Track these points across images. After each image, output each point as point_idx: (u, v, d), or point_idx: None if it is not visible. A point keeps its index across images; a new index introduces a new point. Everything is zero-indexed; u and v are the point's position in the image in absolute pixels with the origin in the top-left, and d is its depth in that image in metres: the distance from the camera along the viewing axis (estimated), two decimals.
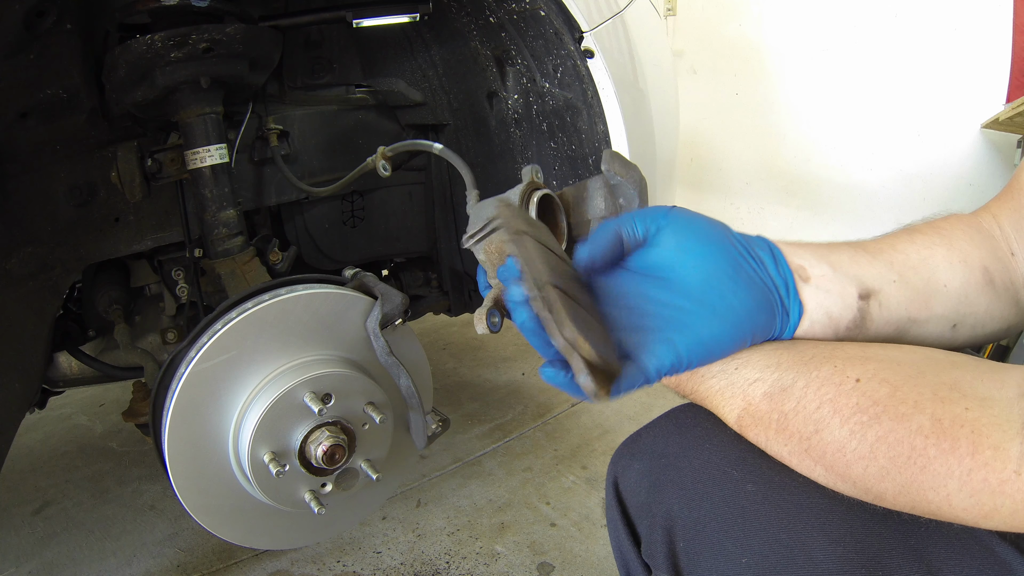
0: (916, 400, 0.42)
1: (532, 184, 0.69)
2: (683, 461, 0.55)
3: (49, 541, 1.45)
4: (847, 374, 0.45)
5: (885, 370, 0.45)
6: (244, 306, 0.84)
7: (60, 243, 1.04)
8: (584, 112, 1.13)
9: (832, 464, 0.45)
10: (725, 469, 0.52)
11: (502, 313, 0.64)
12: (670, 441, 0.58)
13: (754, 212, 3.01)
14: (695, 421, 0.57)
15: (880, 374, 0.44)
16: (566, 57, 1.11)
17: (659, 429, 0.60)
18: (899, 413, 0.42)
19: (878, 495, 0.43)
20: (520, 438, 1.83)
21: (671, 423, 0.59)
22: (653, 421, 0.61)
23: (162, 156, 1.10)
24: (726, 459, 0.53)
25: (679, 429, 0.58)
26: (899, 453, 0.41)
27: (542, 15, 1.07)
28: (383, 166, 1.00)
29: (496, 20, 1.15)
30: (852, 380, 0.45)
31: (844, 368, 0.46)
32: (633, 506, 0.59)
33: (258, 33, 1.02)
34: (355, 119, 1.35)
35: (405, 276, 1.58)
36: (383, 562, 1.37)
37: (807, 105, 2.70)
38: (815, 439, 0.45)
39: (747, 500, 0.50)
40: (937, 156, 2.35)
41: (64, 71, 0.91)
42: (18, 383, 0.99)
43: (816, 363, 0.48)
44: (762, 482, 0.50)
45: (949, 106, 2.28)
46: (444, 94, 1.37)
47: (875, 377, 0.44)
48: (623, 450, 0.62)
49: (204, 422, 0.83)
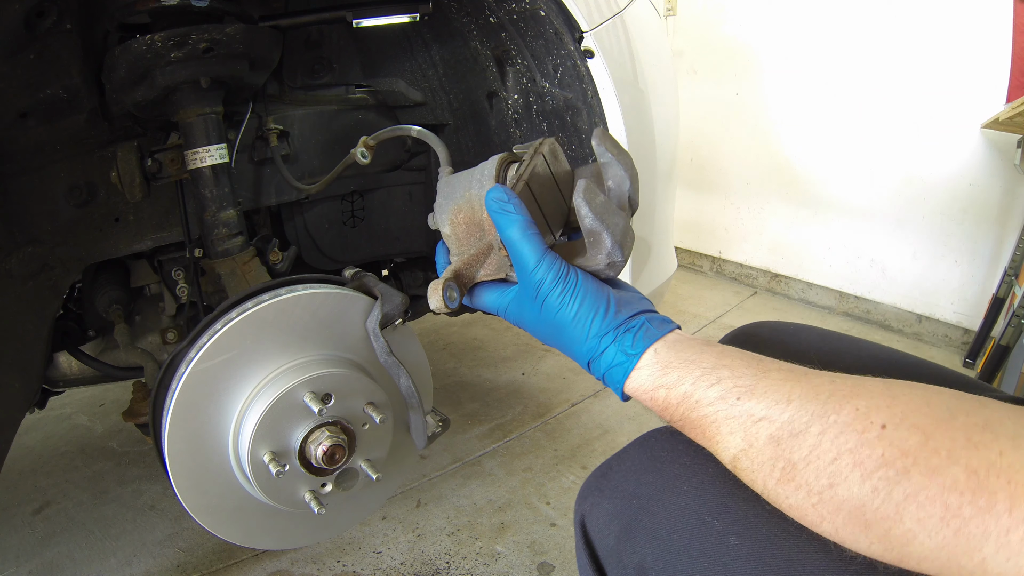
0: (949, 449, 0.37)
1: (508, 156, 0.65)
2: (657, 505, 0.50)
3: (49, 541, 1.45)
4: (871, 419, 0.39)
5: (915, 413, 0.39)
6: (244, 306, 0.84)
7: (60, 243, 1.04)
8: (584, 112, 1.13)
9: (846, 522, 0.39)
10: (705, 518, 0.47)
11: (461, 290, 0.61)
12: (643, 479, 0.52)
13: (754, 212, 3.01)
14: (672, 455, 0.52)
15: (910, 418, 0.39)
16: (566, 57, 1.11)
17: (631, 462, 0.54)
18: (931, 466, 0.36)
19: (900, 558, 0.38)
20: (520, 438, 1.83)
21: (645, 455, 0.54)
22: (625, 449, 0.56)
23: (162, 156, 1.10)
24: (706, 506, 0.47)
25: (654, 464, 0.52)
26: (930, 514, 0.36)
27: (542, 15, 1.07)
28: (362, 153, 0.97)
29: (496, 20, 1.15)
30: (877, 427, 0.39)
31: (868, 413, 0.40)
32: (603, 549, 0.53)
33: (258, 33, 1.02)
34: (355, 119, 1.35)
35: (405, 276, 1.58)
36: (383, 562, 1.37)
37: (807, 105, 2.70)
38: (828, 494, 0.40)
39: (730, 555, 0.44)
40: (937, 156, 2.35)
41: (64, 71, 0.91)
42: (18, 383, 0.99)
43: (835, 403, 0.41)
44: (747, 535, 0.45)
45: (949, 106, 2.28)
46: (444, 94, 1.37)
47: (904, 422, 0.39)
48: (591, 485, 0.56)
49: (204, 422, 0.83)
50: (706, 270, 3.35)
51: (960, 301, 2.40)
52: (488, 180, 0.62)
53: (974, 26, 2.18)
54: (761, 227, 2.99)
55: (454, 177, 0.68)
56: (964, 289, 2.38)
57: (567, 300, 0.53)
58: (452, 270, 0.61)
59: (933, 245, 2.43)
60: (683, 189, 3.20)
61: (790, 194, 2.83)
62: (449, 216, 0.64)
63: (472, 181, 0.64)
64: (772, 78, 2.80)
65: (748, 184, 3.01)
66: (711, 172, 3.16)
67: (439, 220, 0.66)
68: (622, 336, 0.52)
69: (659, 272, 1.40)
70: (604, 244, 0.53)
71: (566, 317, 0.53)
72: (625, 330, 0.52)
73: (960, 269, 2.38)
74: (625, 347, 0.52)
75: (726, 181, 3.11)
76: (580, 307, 0.53)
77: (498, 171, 0.62)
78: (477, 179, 0.64)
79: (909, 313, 2.55)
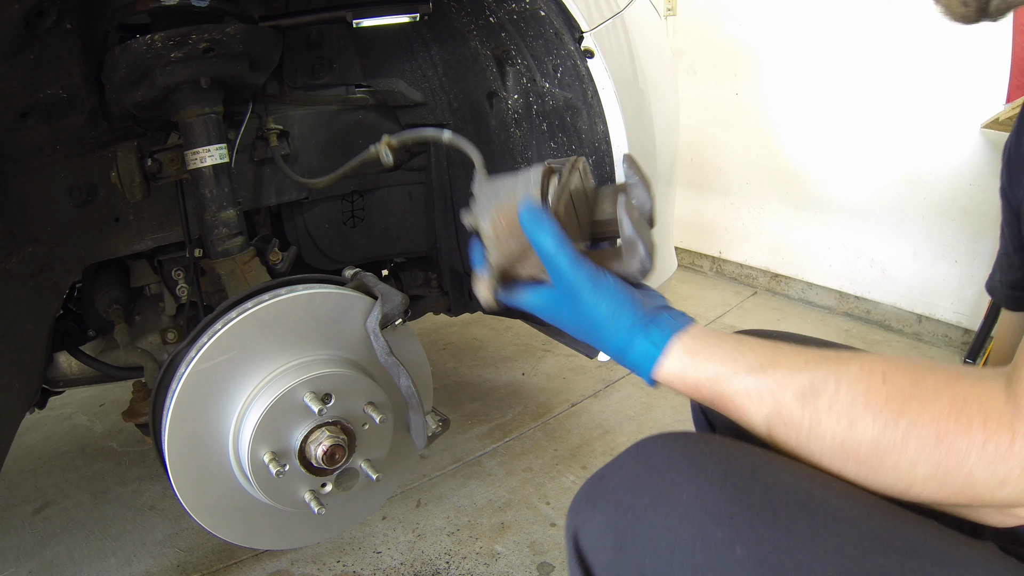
0: (935, 386, 0.46)
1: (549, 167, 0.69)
2: (655, 515, 0.48)
3: (49, 541, 1.45)
4: (874, 371, 0.49)
5: (906, 364, 0.49)
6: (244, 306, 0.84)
7: (60, 243, 1.04)
8: (584, 112, 1.13)
9: (867, 458, 0.48)
10: (707, 527, 0.45)
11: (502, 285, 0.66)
12: (638, 488, 0.50)
13: (754, 212, 3.01)
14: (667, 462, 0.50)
15: (903, 368, 0.48)
16: (566, 57, 1.11)
17: (624, 471, 0.52)
18: (924, 400, 0.46)
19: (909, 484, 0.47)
20: (520, 438, 1.83)
21: (639, 464, 0.52)
22: (618, 458, 0.54)
23: (162, 156, 1.10)
24: (708, 514, 0.45)
25: (649, 472, 0.50)
26: (927, 437, 0.45)
27: (542, 15, 1.07)
28: (386, 153, 0.98)
29: (496, 20, 1.15)
30: (880, 375, 0.48)
31: (871, 367, 0.49)
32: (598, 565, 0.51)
33: (258, 33, 1.02)
34: (355, 119, 1.35)
35: (405, 276, 1.58)
36: (383, 562, 1.37)
37: (807, 105, 2.70)
38: (849, 434, 0.48)
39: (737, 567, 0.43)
40: (937, 156, 2.35)
41: (64, 71, 0.91)
42: (18, 383, 0.99)
43: (844, 363, 0.50)
44: (754, 542, 0.43)
45: (949, 106, 2.28)
46: (444, 94, 1.37)
47: (899, 371, 0.48)
48: (583, 496, 0.54)
49: (204, 422, 0.83)
50: (706, 270, 3.35)
51: (960, 301, 2.40)
52: (534, 187, 0.66)
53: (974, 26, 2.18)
54: (761, 227, 2.99)
55: (496, 181, 0.71)
56: (964, 289, 2.38)
57: (600, 298, 0.59)
58: (496, 266, 0.66)
59: (933, 245, 2.43)
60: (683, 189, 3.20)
61: (790, 194, 2.83)
62: (492, 215, 0.68)
63: (517, 186, 0.68)
64: (772, 78, 2.80)
65: (748, 184, 3.01)
66: (711, 172, 3.16)
67: (479, 219, 0.69)
68: (649, 328, 0.58)
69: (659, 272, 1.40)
70: (639, 252, 0.60)
71: (599, 314, 0.59)
72: (651, 322, 0.59)
73: (960, 269, 2.38)
74: (653, 338, 0.58)
75: (726, 181, 3.11)
76: (611, 304, 0.59)
77: (543, 180, 0.66)
78: (523, 184, 0.67)
79: (909, 313, 2.55)
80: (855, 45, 2.49)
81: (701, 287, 3.13)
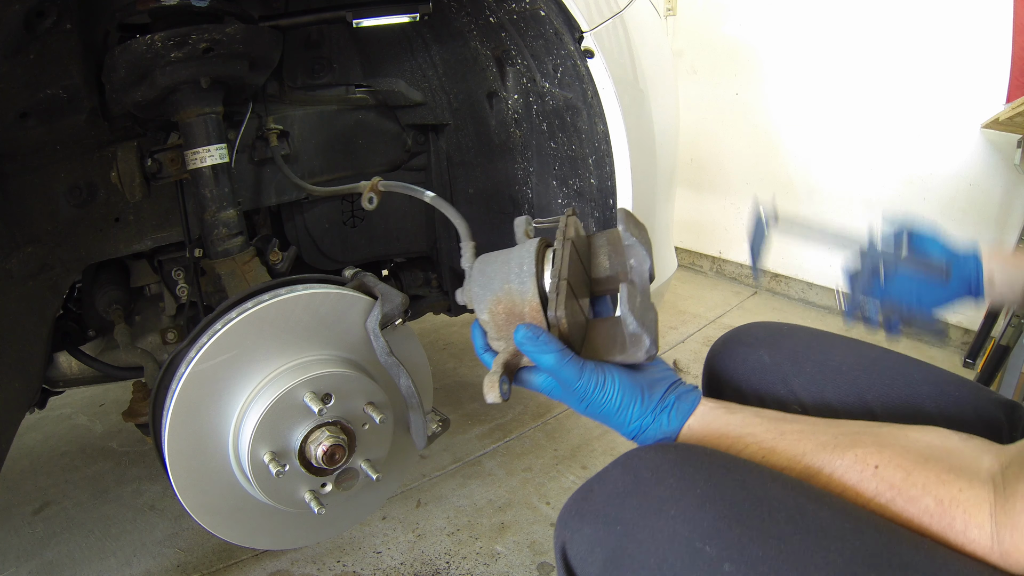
0: (924, 484, 0.48)
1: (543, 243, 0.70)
2: (643, 532, 0.48)
3: (49, 541, 1.45)
4: (867, 463, 0.51)
5: (899, 457, 0.51)
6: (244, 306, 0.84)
7: (60, 243, 1.04)
8: (584, 112, 1.13)
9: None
10: (695, 544, 0.45)
11: (510, 378, 0.66)
12: (627, 502, 0.51)
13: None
14: (656, 476, 0.51)
15: (895, 460, 0.51)
16: (566, 57, 1.11)
17: (613, 484, 0.53)
18: (911, 496, 0.48)
19: None
20: (520, 438, 1.83)
21: (627, 477, 0.53)
22: (606, 470, 0.55)
23: (162, 156, 1.10)
24: (696, 531, 0.46)
25: (637, 485, 0.51)
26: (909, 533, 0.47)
27: (542, 15, 1.07)
28: (369, 198, 1.00)
29: (496, 20, 1.14)
30: (872, 467, 0.51)
31: (865, 458, 0.52)
32: None
33: (258, 33, 1.02)
34: (355, 119, 1.35)
35: (405, 276, 1.58)
36: (383, 562, 1.37)
37: (807, 105, 2.70)
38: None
39: None
40: (937, 156, 2.35)
41: (64, 71, 0.91)
42: (18, 383, 0.99)
43: (839, 453, 0.53)
44: (742, 560, 0.44)
45: (949, 106, 2.28)
46: (444, 94, 1.37)
47: (891, 463, 0.51)
48: (571, 509, 0.55)
49: (204, 422, 0.83)
50: (706, 270, 3.34)
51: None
52: (528, 276, 0.65)
53: (974, 26, 2.18)
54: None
55: (488, 263, 0.70)
56: None
57: (606, 399, 0.61)
58: (501, 363, 0.66)
59: None
60: (683, 189, 3.19)
61: (790, 194, 2.83)
62: (488, 306, 0.67)
63: (510, 273, 0.67)
64: (772, 78, 2.80)
65: (748, 184, 3.01)
66: (711, 172, 3.16)
67: (477, 308, 0.68)
68: (660, 415, 0.61)
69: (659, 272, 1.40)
70: (644, 343, 0.62)
71: (609, 410, 0.62)
72: (661, 409, 0.61)
73: None
74: (663, 426, 0.61)
75: (726, 181, 3.11)
76: (621, 401, 0.61)
77: (537, 266, 0.66)
78: (516, 272, 0.67)
79: None
80: (855, 45, 2.49)
81: (701, 287, 3.13)
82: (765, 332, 0.81)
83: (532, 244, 0.68)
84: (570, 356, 0.61)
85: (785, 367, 0.75)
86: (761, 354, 0.77)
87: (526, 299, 0.65)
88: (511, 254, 0.69)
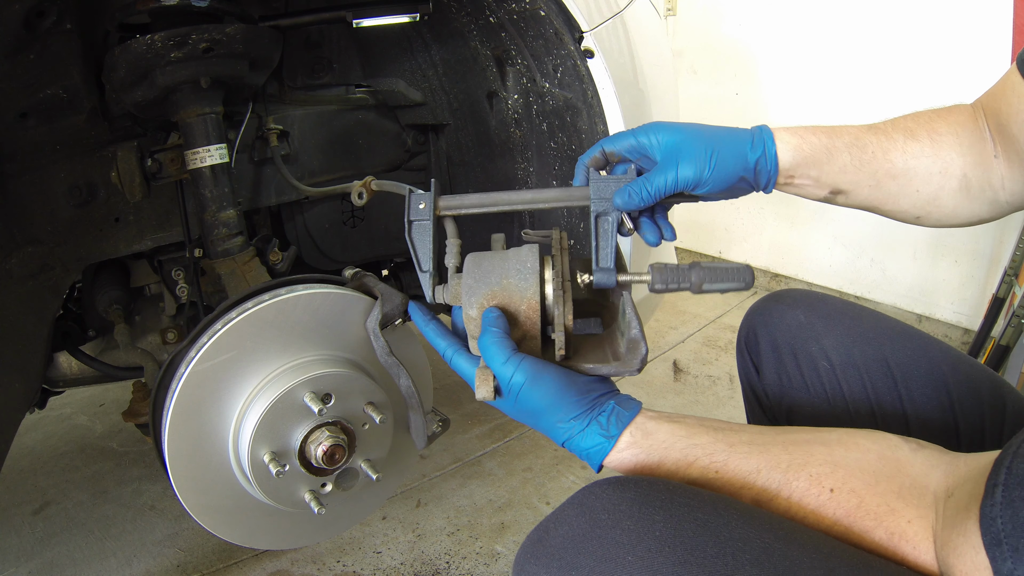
0: (876, 514, 0.49)
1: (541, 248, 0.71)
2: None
3: (49, 541, 1.45)
4: (823, 485, 0.51)
5: (852, 479, 0.51)
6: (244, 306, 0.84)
7: (60, 243, 1.04)
8: (584, 112, 1.13)
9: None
10: None
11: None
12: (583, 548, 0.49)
13: (754, 212, 3.01)
14: (613, 518, 0.49)
15: (848, 483, 0.51)
16: (566, 57, 1.11)
17: (569, 526, 0.51)
18: (864, 528, 0.49)
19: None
20: (520, 438, 1.83)
21: (583, 519, 0.51)
22: (562, 509, 0.53)
23: (162, 156, 1.10)
24: None
25: (593, 528, 0.49)
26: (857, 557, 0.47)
27: (542, 15, 1.07)
28: (359, 194, 0.99)
29: (496, 20, 1.15)
30: (827, 491, 0.51)
31: (820, 479, 0.52)
32: None
33: (258, 33, 1.02)
34: (355, 119, 1.35)
35: (405, 276, 1.58)
36: (383, 562, 1.37)
37: (807, 104, 2.70)
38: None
39: None
40: None
41: (64, 71, 0.91)
42: (18, 383, 0.99)
43: (794, 472, 0.53)
44: None
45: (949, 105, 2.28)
46: (444, 94, 1.37)
47: (844, 486, 0.51)
48: (527, 551, 0.53)
49: (204, 422, 0.83)
50: None
51: (960, 301, 2.40)
52: (531, 274, 0.66)
53: (974, 26, 2.18)
54: (761, 227, 2.99)
55: (484, 259, 0.69)
56: (964, 289, 2.38)
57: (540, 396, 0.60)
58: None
59: (933, 245, 2.43)
60: None
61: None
62: (481, 300, 0.66)
63: (510, 270, 0.66)
64: (772, 78, 2.80)
65: None
66: None
67: (466, 302, 0.67)
68: (593, 420, 0.59)
69: None
70: (641, 350, 0.62)
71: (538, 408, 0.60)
72: (598, 413, 0.60)
73: (960, 269, 2.38)
74: (601, 430, 0.59)
75: None
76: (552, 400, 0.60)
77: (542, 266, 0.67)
78: (517, 269, 0.66)
79: (909, 313, 2.55)
80: (855, 45, 2.49)
81: None
82: (803, 296, 0.87)
83: (533, 247, 0.69)
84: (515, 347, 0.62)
85: (819, 327, 0.81)
86: (797, 313, 0.83)
87: (525, 296, 0.65)
88: (508, 254, 0.69)
